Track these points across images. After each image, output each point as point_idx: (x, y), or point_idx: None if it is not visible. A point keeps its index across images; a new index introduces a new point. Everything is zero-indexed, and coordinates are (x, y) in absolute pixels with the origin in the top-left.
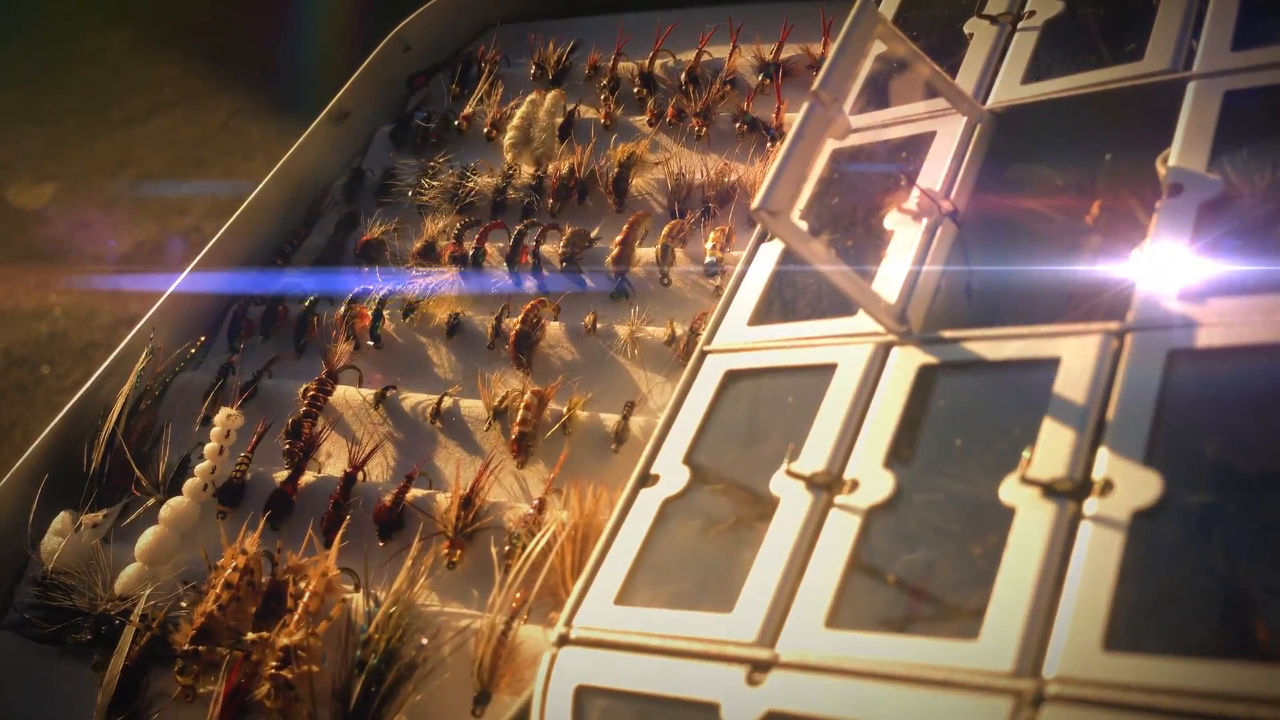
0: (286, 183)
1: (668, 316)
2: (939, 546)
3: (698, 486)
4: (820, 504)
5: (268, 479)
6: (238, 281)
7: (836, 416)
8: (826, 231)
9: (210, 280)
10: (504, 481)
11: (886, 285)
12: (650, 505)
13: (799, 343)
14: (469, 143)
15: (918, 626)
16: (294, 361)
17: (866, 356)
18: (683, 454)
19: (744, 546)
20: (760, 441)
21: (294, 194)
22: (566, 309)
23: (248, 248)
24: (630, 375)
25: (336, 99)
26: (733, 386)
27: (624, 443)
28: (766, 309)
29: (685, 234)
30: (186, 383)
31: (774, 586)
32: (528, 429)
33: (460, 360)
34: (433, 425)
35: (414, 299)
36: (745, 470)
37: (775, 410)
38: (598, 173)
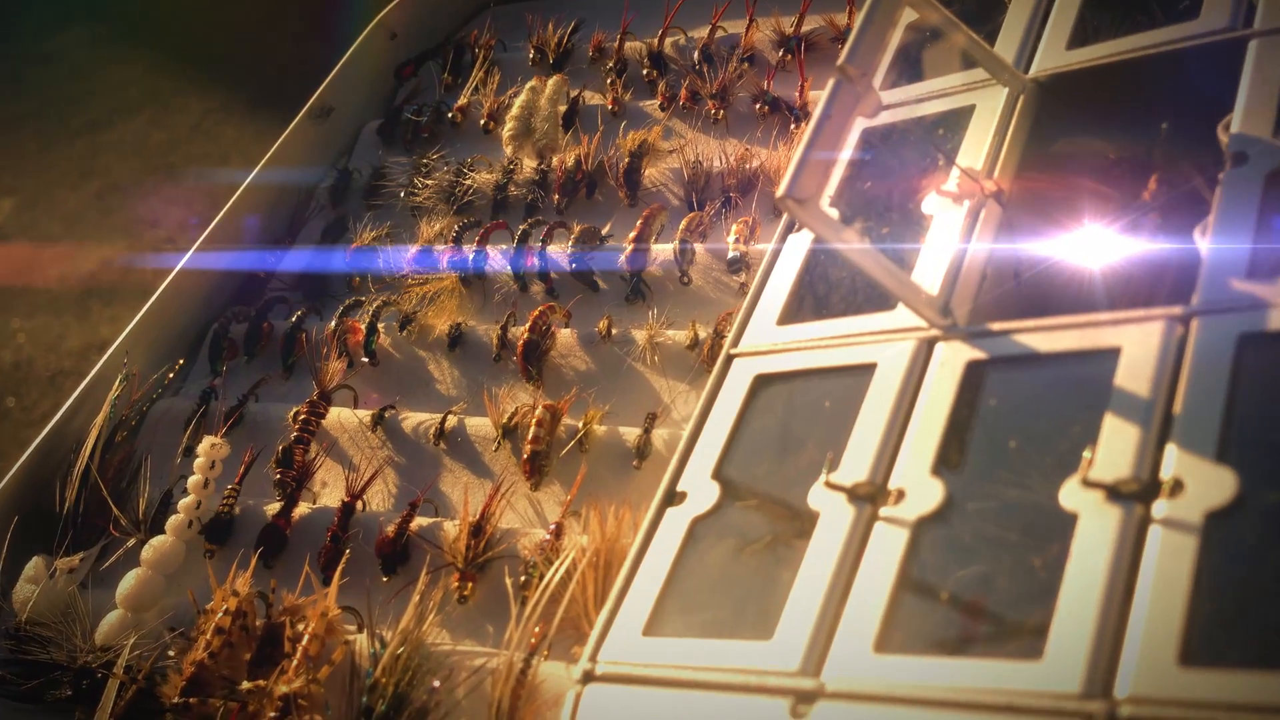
0: (265, 189)
1: (689, 318)
2: (995, 559)
3: (729, 503)
4: (864, 517)
5: (258, 512)
6: (217, 298)
7: (878, 421)
8: (859, 219)
9: (187, 298)
10: (517, 506)
11: (927, 275)
12: (678, 525)
13: (834, 342)
14: (465, 136)
15: (975, 647)
16: (282, 383)
17: (908, 354)
18: (711, 468)
19: (782, 567)
20: (795, 451)
21: (275, 200)
22: (578, 314)
23: (226, 260)
24: (650, 384)
25: (318, 94)
26: (763, 392)
27: (646, 458)
28: (796, 306)
29: (705, 227)
30: (165, 410)
31: (817, 610)
32: (540, 447)
33: (464, 375)
34: (436, 447)
35: (411, 310)
36: (780, 483)
37: (810, 416)
38: (607, 164)
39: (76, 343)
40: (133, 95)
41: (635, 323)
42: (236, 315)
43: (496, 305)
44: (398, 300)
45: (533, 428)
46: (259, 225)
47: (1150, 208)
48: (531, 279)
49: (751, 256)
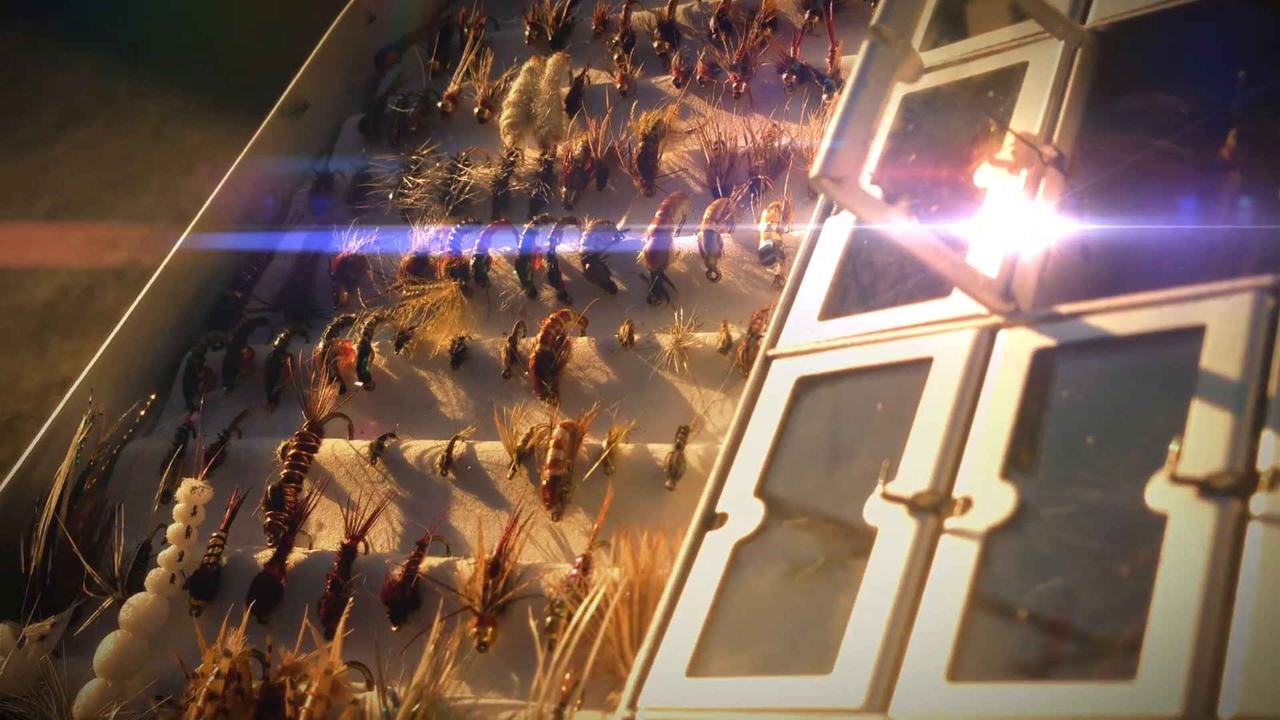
0: (238, 197)
1: (720, 318)
2: (1077, 569)
3: (775, 523)
4: (927, 531)
5: (248, 561)
6: (190, 324)
7: (938, 422)
8: (904, 197)
9: (156, 325)
10: (538, 538)
11: (984, 256)
12: (719, 551)
13: (883, 336)
14: (458, 127)
15: (1060, 670)
16: (267, 415)
17: (968, 345)
18: (753, 485)
19: (839, 591)
20: (847, 461)
21: (249, 210)
22: (595, 320)
23: (196, 280)
24: (681, 394)
25: (290, 89)
26: (807, 396)
27: (680, 478)
28: (839, 298)
29: (732, 215)
30: (138, 453)
31: (880, 637)
32: (561, 472)
33: (471, 395)
34: (444, 477)
35: (408, 325)
36: (832, 497)
37: (862, 421)
38: (618, 150)
39: (34, 382)
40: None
41: (660, 326)
42: (212, 342)
43: (503, 315)
44: (392, 315)
45: (551, 450)
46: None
47: (1230, 166)
48: (541, 283)
49: (786, 245)
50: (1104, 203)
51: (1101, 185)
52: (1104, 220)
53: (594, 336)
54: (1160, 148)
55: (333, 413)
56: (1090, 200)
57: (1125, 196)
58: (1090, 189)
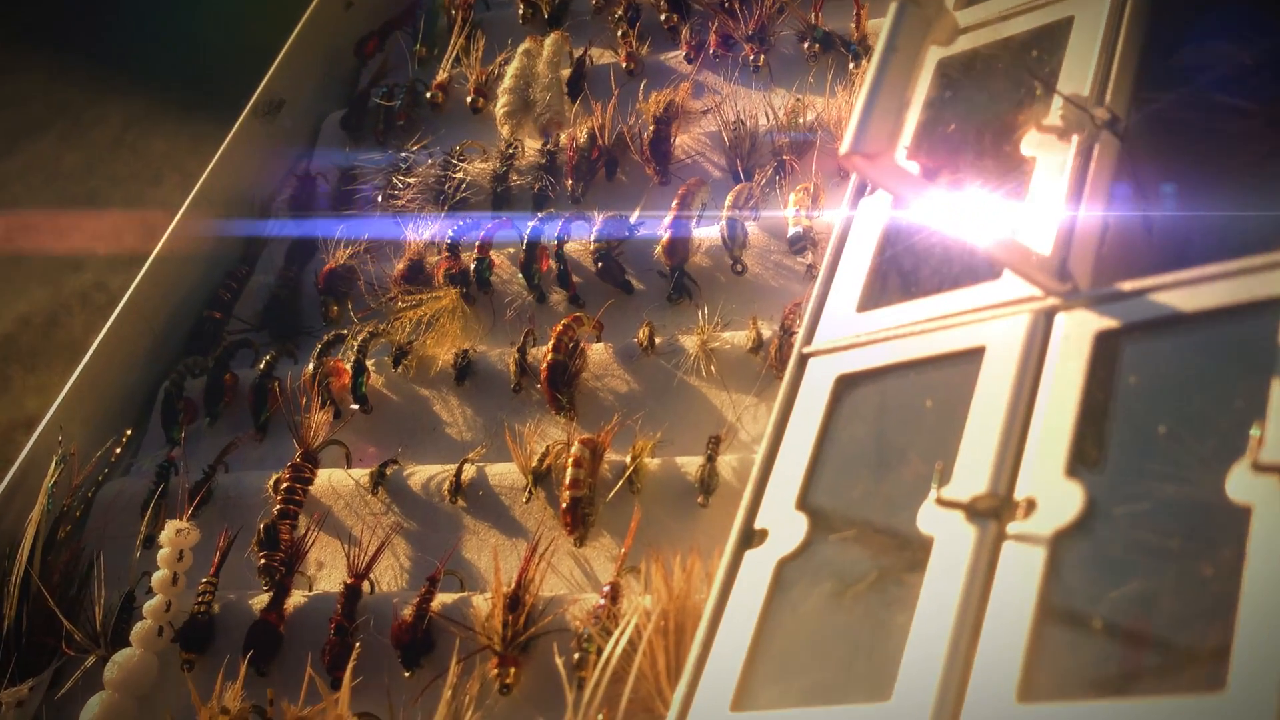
0: (211, 208)
1: (748, 314)
2: (1156, 572)
3: (820, 537)
4: (988, 537)
5: (243, 608)
6: (165, 350)
7: (994, 417)
8: (944, 172)
9: (128, 354)
10: (560, 567)
11: (1036, 232)
12: (761, 571)
13: (929, 326)
14: (450, 119)
15: (1143, 683)
16: (256, 446)
17: (1023, 331)
18: (794, 497)
19: (894, 609)
20: (896, 465)
21: (224, 221)
22: (611, 324)
23: (170, 302)
24: (709, 401)
25: (263, 86)
26: (848, 396)
27: (714, 492)
28: (879, 287)
29: (757, 200)
30: (116, 494)
31: (942, 657)
32: (582, 492)
33: (479, 413)
34: (454, 505)
35: (405, 340)
36: (881, 506)
37: (910, 420)
38: (627, 135)
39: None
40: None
41: (683, 327)
42: (191, 368)
43: (510, 323)
44: (387, 329)
45: (570, 470)
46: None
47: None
48: (550, 286)
49: (817, 231)
50: (1165, 167)
51: (1161, 148)
52: (1166, 186)
53: (611, 342)
54: (1223, 104)
55: (327, 440)
56: (1150, 165)
57: (1188, 159)
58: (1149, 153)
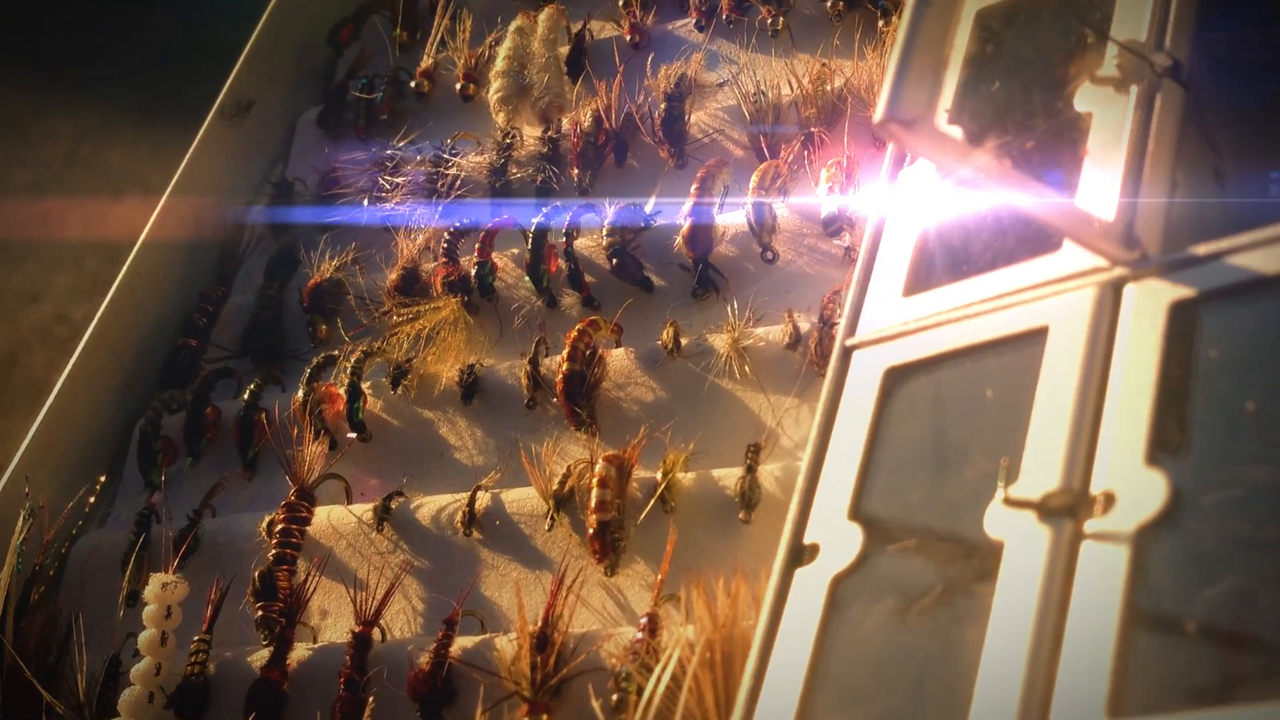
0: (179, 223)
1: (783, 307)
2: (1252, 565)
3: (877, 550)
4: (1064, 538)
5: (241, 666)
6: (138, 385)
7: (1062, 404)
8: (990, 135)
9: (97, 392)
10: (591, 599)
11: (1097, 195)
12: (814, 590)
13: (984, 307)
14: (438, 110)
15: (1245, 689)
16: (245, 486)
17: (1089, 306)
18: (846, 506)
19: (965, 624)
20: (957, 463)
21: (194, 240)
22: (631, 326)
23: (140, 331)
24: (745, 405)
25: (229, 85)
26: (899, 391)
27: (756, 506)
28: (926, 268)
29: (784, 179)
30: (93, 549)
31: (1022, 674)
32: (610, 516)
33: (490, 434)
34: (469, 538)
35: (403, 358)
36: (943, 510)
37: (969, 413)
38: (637, 116)
39: None
40: None
41: (711, 325)
42: (167, 403)
43: (518, 332)
44: (382, 347)
45: (595, 491)
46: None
47: None
48: (561, 288)
49: (854, 209)
50: (1235, 115)
51: (1230, 94)
52: (1237, 136)
53: (632, 346)
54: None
55: (324, 474)
56: (1218, 114)
57: (1260, 104)
58: (1217, 100)
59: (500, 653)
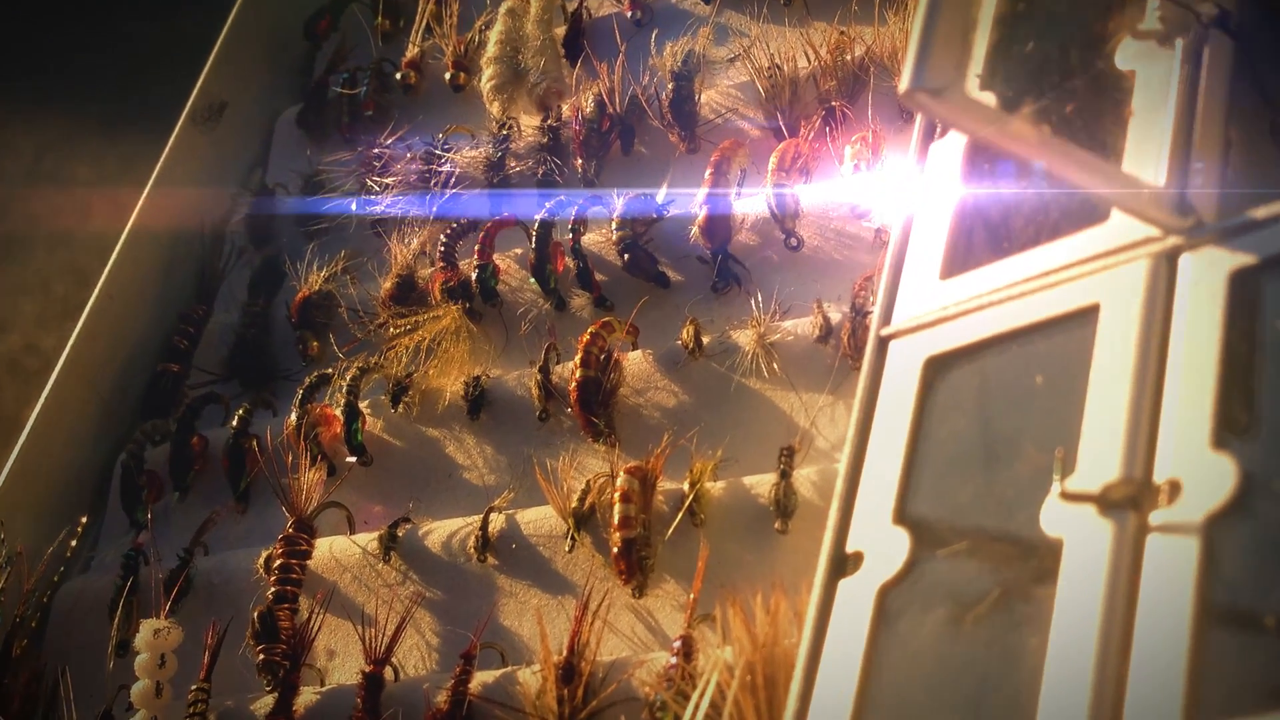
0: (153, 239)
1: (811, 297)
2: None
3: (926, 555)
4: (1128, 532)
5: (244, 715)
6: (116, 417)
7: (1118, 386)
8: (1027, 99)
9: (72, 427)
10: (619, 624)
11: (1145, 159)
12: (860, 602)
13: (1029, 287)
14: (427, 102)
15: None
16: (238, 520)
17: (1142, 279)
18: (890, 509)
19: (1025, 630)
20: (1008, 457)
21: (169, 256)
22: (648, 326)
23: (117, 358)
24: (776, 406)
25: (199, 87)
26: (941, 382)
27: (793, 515)
28: (963, 248)
29: (806, 159)
30: (77, 595)
31: (1089, 681)
32: (635, 533)
33: (501, 450)
34: (483, 564)
35: (403, 373)
36: (996, 508)
37: (1019, 402)
38: (643, 98)
39: None
40: None
41: (734, 320)
42: (150, 435)
43: (526, 339)
44: (379, 362)
45: (618, 506)
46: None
47: None
48: (569, 289)
49: (883, 188)
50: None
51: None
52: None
53: (649, 348)
54: None
55: (324, 503)
56: (1270, 65)
57: None
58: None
59: (524, 686)
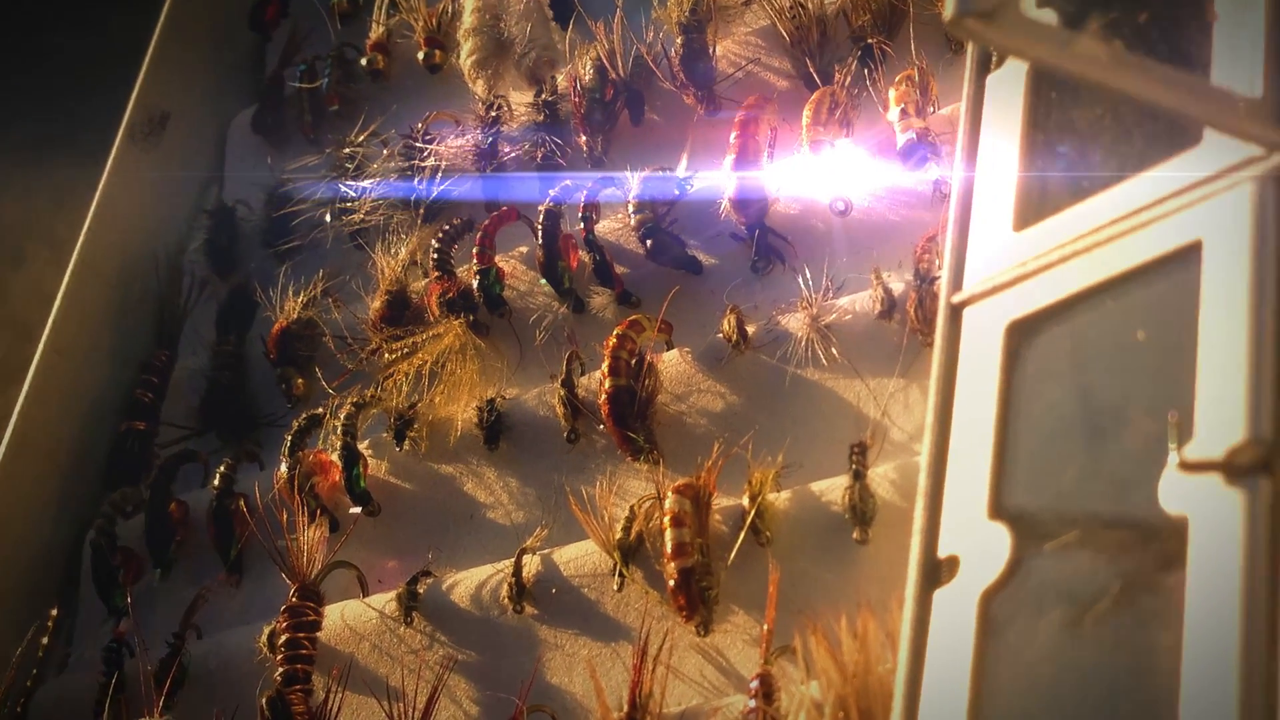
0: (100, 283)
1: (867, 268)
2: None
3: (1031, 551)
4: (1261, 500)
5: None
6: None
7: (1233, 334)
8: (1092, 14)
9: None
10: (684, 668)
11: (1236, 68)
12: (960, 613)
13: (1116, 229)
14: (401, 88)
15: None
16: (232, 594)
17: (1247, 206)
18: (984, 503)
19: (1155, 625)
20: (1114, 428)
21: (121, 298)
22: (682, 320)
23: (73, 422)
24: (839, 397)
25: (135, 97)
26: (1028, 349)
27: (872, 521)
28: (1036, 192)
29: (844, 108)
30: (57, 700)
31: (1234, 678)
32: (692, 560)
33: (526, 482)
34: (520, 614)
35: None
36: (1106, 489)
37: (1120, 363)
38: (649, 58)
39: None
40: None
41: (781, 303)
42: (120, 506)
43: (543, 350)
44: (376, 395)
45: (669, 532)
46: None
47: None
48: (586, 287)
49: (936, 133)
50: None
51: None
52: None
53: (687, 345)
54: None
55: (329, 565)
56: None
57: None
58: None
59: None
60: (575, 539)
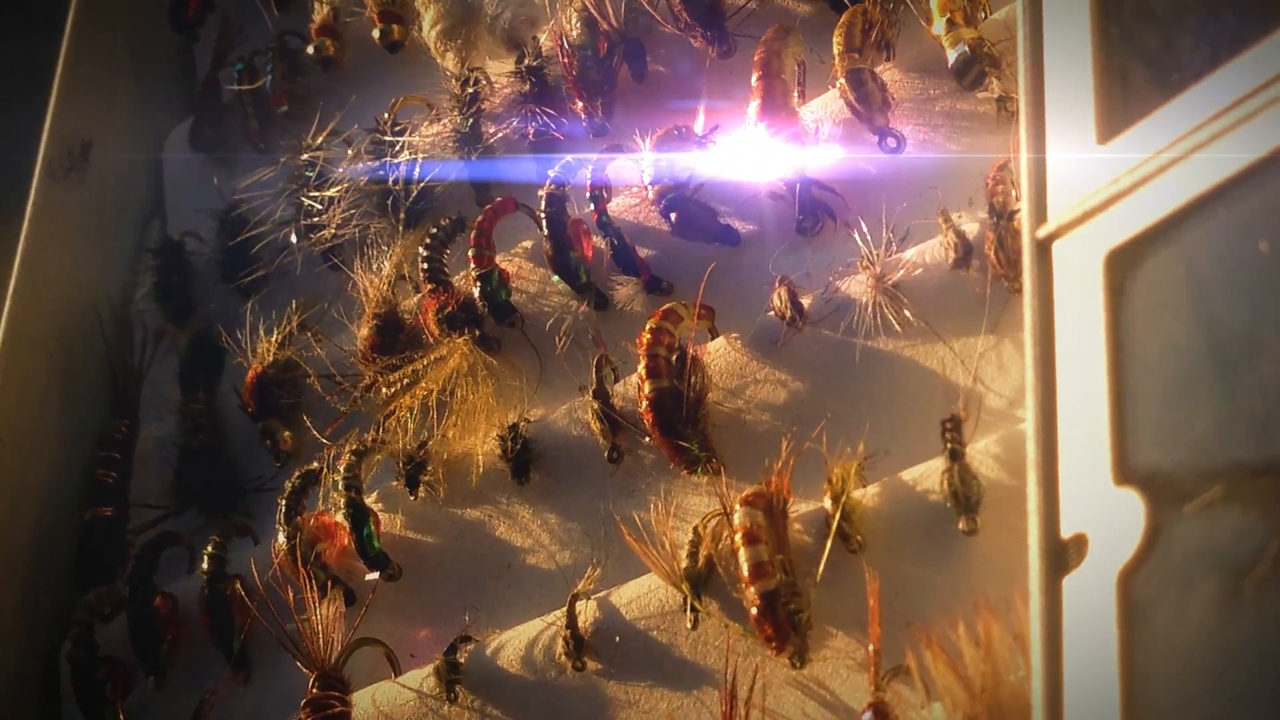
0: (36, 351)
1: (932, 212)
2: None
3: (1170, 517)
4: None
5: None
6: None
7: None
8: None
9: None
10: (783, 707)
11: None
12: (1096, 599)
13: (1218, 126)
14: (358, 74)
15: None
16: (242, 693)
17: None
18: (1107, 467)
19: None
20: (1248, 360)
21: (64, 364)
22: (724, 303)
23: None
24: (920, 366)
25: (49, 126)
26: (1133, 280)
27: (978, 506)
28: (1119, 95)
29: (880, 27)
30: None
31: None
32: (773, 581)
33: (568, 515)
34: (580, 671)
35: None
36: (1246, 432)
37: (1244, 284)
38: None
39: None
40: None
41: (838, 267)
42: (97, 609)
43: (565, 358)
44: (378, 438)
45: (743, 552)
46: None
47: None
48: (606, 278)
49: (992, 42)
50: None
51: None
52: None
53: (733, 330)
54: None
55: (350, 644)
56: None
57: None
58: None
59: None
60: (634, 575)
